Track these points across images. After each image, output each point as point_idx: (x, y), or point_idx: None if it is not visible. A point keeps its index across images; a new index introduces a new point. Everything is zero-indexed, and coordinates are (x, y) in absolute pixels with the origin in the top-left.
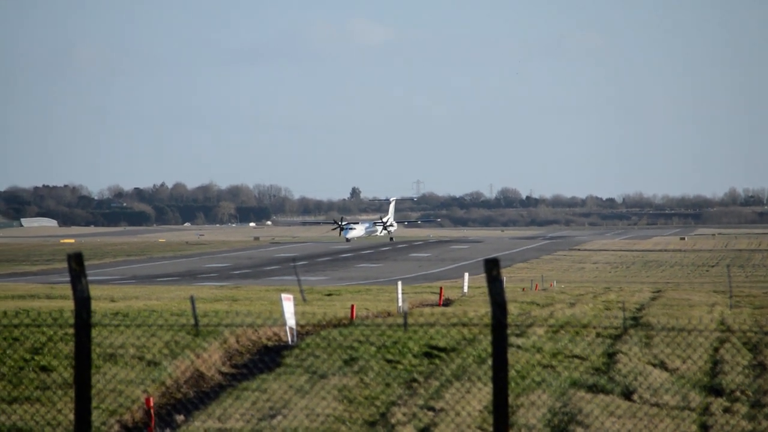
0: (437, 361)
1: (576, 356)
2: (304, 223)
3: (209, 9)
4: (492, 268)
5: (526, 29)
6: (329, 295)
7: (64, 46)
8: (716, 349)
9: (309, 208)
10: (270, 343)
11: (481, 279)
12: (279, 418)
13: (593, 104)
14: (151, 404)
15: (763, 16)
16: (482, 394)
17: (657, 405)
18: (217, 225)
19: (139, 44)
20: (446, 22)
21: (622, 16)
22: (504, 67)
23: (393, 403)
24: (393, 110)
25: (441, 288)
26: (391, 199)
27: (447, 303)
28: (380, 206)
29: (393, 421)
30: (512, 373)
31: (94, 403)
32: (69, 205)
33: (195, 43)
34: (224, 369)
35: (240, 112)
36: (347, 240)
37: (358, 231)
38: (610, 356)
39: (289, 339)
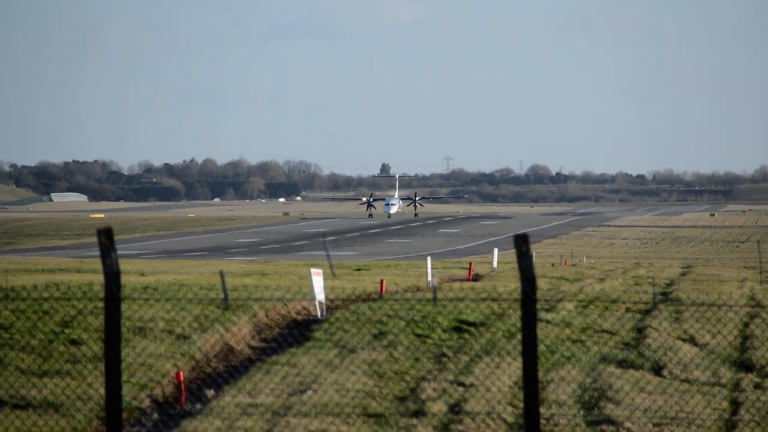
0: (466, 335)
1: (605, 331)
2: (332, 199)
3: None
4: (521, 243)
5: (557, 6)
6: (358, 269)
7: (94, 21)
8: (746, 325)
9: (338, 184)
10: (299, 318)
11: (511, 254)
12: (309, 393)
13: (624, 81)
14: (182, 378)
15: None
16: (512, 369)
17: (687, 381)
18: (247, 200)
19: (169, 21)
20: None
21: None
22: (534, 43)
23: (423, 378)
24: (423, 87)
25: (470, 263)
26: (397, 176)
27: (476, 278)
28: (410, 182)
29: (423, 396)
30: (541, 348)
31: (124, 377)
32: (99, 181)
33: (226, 19)
34: (254, 343)
35: (270, 89)
36: (389, 216)
37: (397, 207)
38: (640, 331)
39: (319, 313)
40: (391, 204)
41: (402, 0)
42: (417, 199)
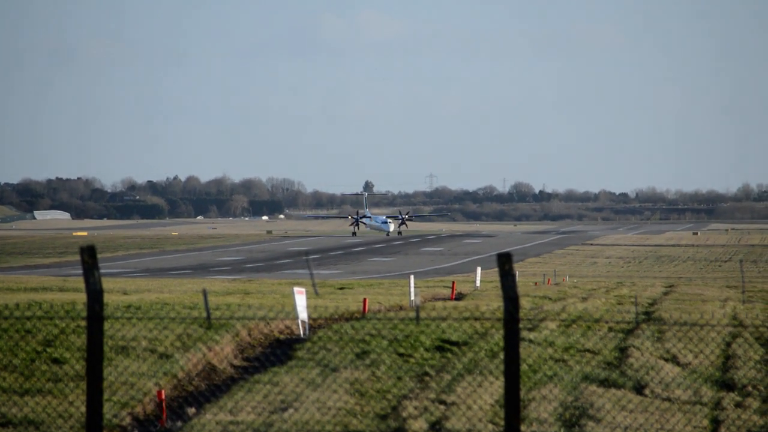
0: (449, 354)
1: (588, 350)
2: (319, 217)
3: (221, 3)
4: (504, 262)
5: (537, 23)
6: (341, 288)
7: (76, 39)
8: (728, 344)
9: (322, 202)
10: (282, 337)
11: (494, 273)
12: (290, 411)
13: (606, 98)
14: (163, 397)
15: None
16: (494, 387)
17: (669, 399)
18: (230, 218)
19: (151, 38)
20: (457, 16)
21: (636, 11)
22: (516, 61)
23: (404, 397)
24: (406, 104)
25: (453, 282)
26: (365, 194)
27: (459, 297)
28: (393, 200)
29: (404, 414)
30: (524, 367)
31: (105, 396)
32: (82, 198)
33: (208, 37)
34: (236, 362)
35: (254, 106)
36: (387, 234)
37: (394, 225)
38: (622, 351)
39: (301, 332)
40: (389, 222)
41: (382, 17)
42: (404, 216)
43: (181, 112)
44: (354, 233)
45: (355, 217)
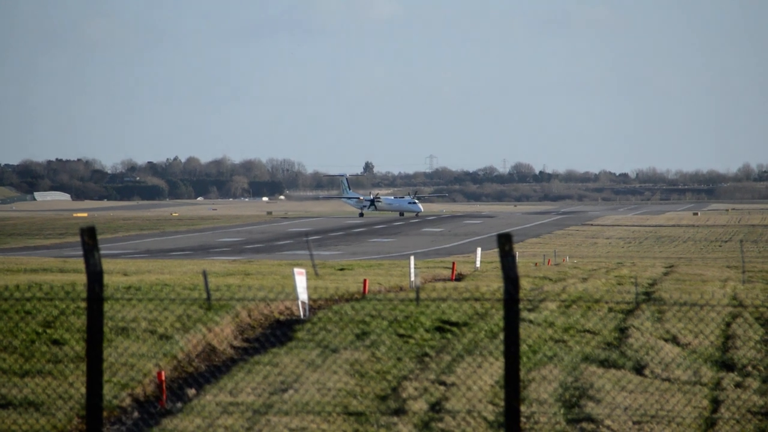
0: (449, 335)
1: (588, 331)
2: (327, 198)
3: None
4: (504, 243)
5: (538, 3)
6: (342, 269)
7: (79, 19)
8: (728, 324)
9: (322, 183)
10: (282, 317)
11: (494, 254)
12: (290, 392)
13: (606, 78)
14: (163, 378)
15: None
16: (494, 368)
17: (668, 380)
18: (230, 199)
19: (150, 19)
20: None
21: None
22: (517, 41)
23: (404, 378)
24: (406, 84)
25: (453, 263)
26: (345, 175)
27: (459, 278)
28: (393, 181)
29: (404, 395)
30: (524, 347)
31: (105, 377)
32: (82, 179)
33: (207, 17)
34: (236, 343)
35: (253, 87)
36: (417, 215)
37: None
38: (622, 331)
39: (301, 313)
40: (417, 202)
41: None
42: (413, 197)
43: (181, 92)
44: (361, 214)
45: (369, 198)
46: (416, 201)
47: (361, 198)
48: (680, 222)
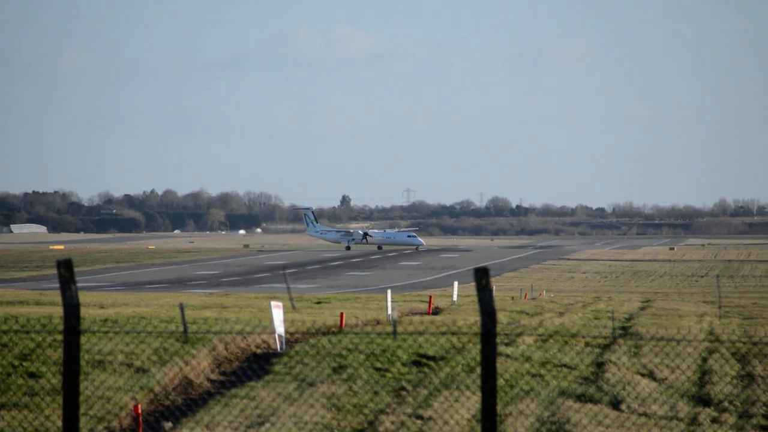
0: (426, 369)
1: (565, 365)
2: (332, 232)
3: (198, 17)
4: (481, 277)
5: (511, 38)
6: (318, 302)
7: (54, 51)
8: (705, 359)
9: (299, 216)
10: (259, 351)
11: (471, 288)
12: (267, 425)
13: (582, 114)
14: (140, 411)
15: (759, 21)
16: (471, 402)
17: (645, 415)
18: (207, 232)
19: (128, 51)
20: (432, 31)
21: (610, 27)
22: (491, 75)
23: (381, 411)
24: (383, 118)
25: (431, 296)
26: (311, 209)
27: (436, 311)
28: (370, 214)
29: (381, 429)
30: (501, 382)
31: (82, 410)
32: (59, 212)
33: (183, 50)
34: (213, 376)
35: (230, 120)
36: (416, 249)
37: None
38: (599, 366)
39: (278, 346)
40: (415, 235)
41: (357, 32)
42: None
43: (158, 125)
44: (348, 248)
45: (363, 231)
46: (414, 234)
47: (351, 231)
48: (657, 257)
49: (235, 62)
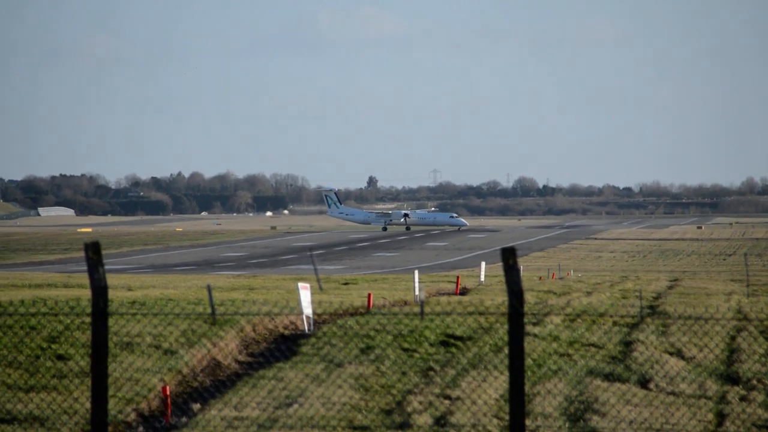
0: (454, 349)
1: (592, 345)
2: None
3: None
4: (509, 257)
5: (538, 18)
6: (346, 284)
7: (81, 36)
8: (733, 338)
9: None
10: (286, 332)
11: (498, 268)
12: (295, 406)
13: (610, 92)
14: (168, 393)
15: None
16: (498, 382)
17: (673, 393)
18: (234, 214)
19: (155, 36)
20: (459, 11)
21: (639, 5)
22: (519, 55)
23: (409, 392)
24: (410, 99)
25: (458, 277)
26: (333, 190)
27: (464, 292)
28: (397, 195)
29: (409, 409)
30: (528, 361)
31: (110, 392)
32: (86, 195)
33: (211, 34)
34: (241, 358)
35: (257, 102)
36: (459, 229)
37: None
38: (627, 345)
39: (306, 328)
40: (457, 215)
41: (383, 12)
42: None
43: (185, 108)
44: (384, 228)
45: (405, 212)
46: (457, 215)
47: (389, 212)
48: (684, 236)
49: (261, 46)
